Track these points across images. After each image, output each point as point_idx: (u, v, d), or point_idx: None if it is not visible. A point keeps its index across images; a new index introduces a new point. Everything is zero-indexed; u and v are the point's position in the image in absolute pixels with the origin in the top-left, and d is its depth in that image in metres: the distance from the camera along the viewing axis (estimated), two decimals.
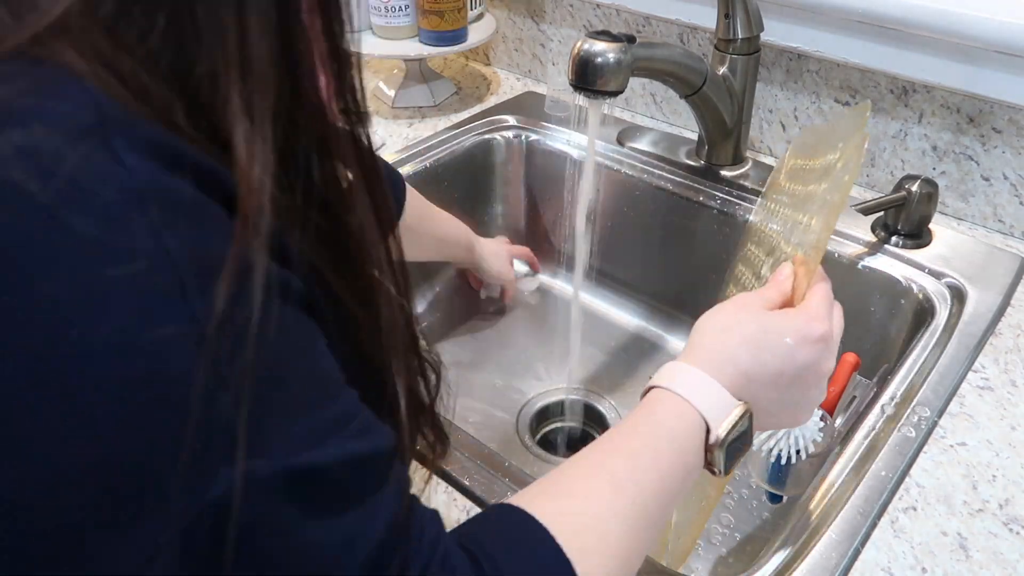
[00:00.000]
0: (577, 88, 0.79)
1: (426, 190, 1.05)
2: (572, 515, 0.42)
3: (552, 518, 0.41)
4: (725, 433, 0.47)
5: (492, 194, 1.14)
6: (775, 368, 0.49)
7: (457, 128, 1.10)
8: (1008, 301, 0.78)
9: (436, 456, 0.47)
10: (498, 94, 1.21)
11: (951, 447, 0.63)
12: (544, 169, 1.10)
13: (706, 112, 0.94)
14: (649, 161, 1.02)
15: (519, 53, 1.25)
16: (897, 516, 0.58)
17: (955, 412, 0.66)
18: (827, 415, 0.68)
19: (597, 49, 0.77)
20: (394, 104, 1.16)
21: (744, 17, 0.88)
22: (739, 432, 0.48)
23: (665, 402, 0.48)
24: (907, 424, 0.65)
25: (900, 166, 0.94)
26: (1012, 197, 0.87)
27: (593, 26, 1.13)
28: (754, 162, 0.99)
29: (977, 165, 0.88)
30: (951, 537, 0.57)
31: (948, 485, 0.60)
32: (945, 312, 0.78)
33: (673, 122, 1.11)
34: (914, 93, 0.89)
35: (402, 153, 1.05)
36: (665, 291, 1.05)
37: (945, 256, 0.84)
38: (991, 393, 0.68)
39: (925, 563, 0.55)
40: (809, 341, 0.50)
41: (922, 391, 0.68)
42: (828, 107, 0.96)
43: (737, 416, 0.48)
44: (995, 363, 0.71)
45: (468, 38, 1.12)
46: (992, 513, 0.58)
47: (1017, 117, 0.83)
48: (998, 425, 0.65)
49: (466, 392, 0.96)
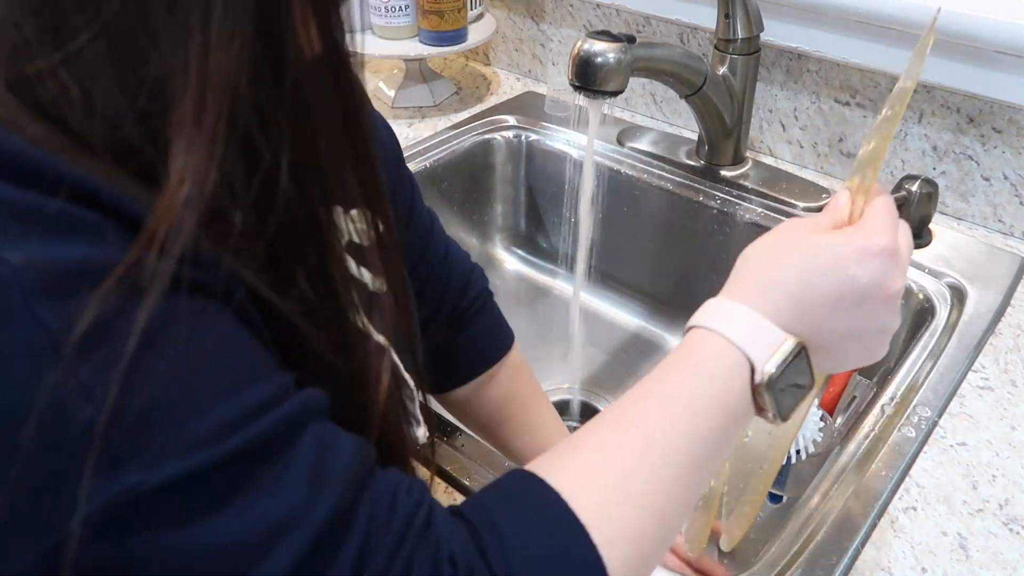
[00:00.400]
0: (577, 88, 0.79)
1: (426, 190, 1.05)
2: (593, 472, 0.38)
3: (571, 478, 0.37)
4: (774, 371, 0.41)
5: (492, 194, 1.14)
6: (832, 291, 0.42)
7: (457, 128, 1.10)
8: (1008, 301, 0.78)
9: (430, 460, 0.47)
10: (498, 94, 1.21)
11: (951, 447, 0.63)
12: (544, 169, 1.10)
13: (706, 112, 0.94)
14: (649, 161, 1.02)
15: (519, 53, 1.25)
16: (897, 516, 0.58)
17: (955, 412, 0.66)
18: (827, 415, 0.68)
19: (597, 49, 0.77)
20: (394, 104, 1.16)
21: (744, 17, 0.88)
22: (793, 370, 0.41)
23: (701, 341, 0.42)
24: (907, 424, 0.65)
25: (900, 166, 0.94)
26: (1012, 197, 0.87)
27: (593, 26, 1.13)
28: (754, 162, 0.99)
29: (977, 165, 0.88)
30: (951, 537, 0.57)
31: (948, 485, 0.60)
32: (945, 312, 0.78)
33: (673, 122, 1.11)
34: (914, 93, 0.89)
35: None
36: (665, 291, 1.05)
37: (945, 256, 0.84)
38: (991, 393, 0.68)
39: (925, 563, 0.55)
40: (871, 256, 0.42)
41: (922, 391, 0.68)
42: (828, 107, 0.96)
43: (788, 351, 0.41)
44: (995, 363, 0.71)
45: (468, 38, 1.12)
46: (992, 513, 0.58)
47: (1017, 117, 0.83)
48: (998, 425, 0.65)
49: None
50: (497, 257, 1.16)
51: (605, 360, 1.01)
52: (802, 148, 1.00)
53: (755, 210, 0.93)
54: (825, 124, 0.97)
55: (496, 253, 1.16)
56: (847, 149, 0.97)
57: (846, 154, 0.97)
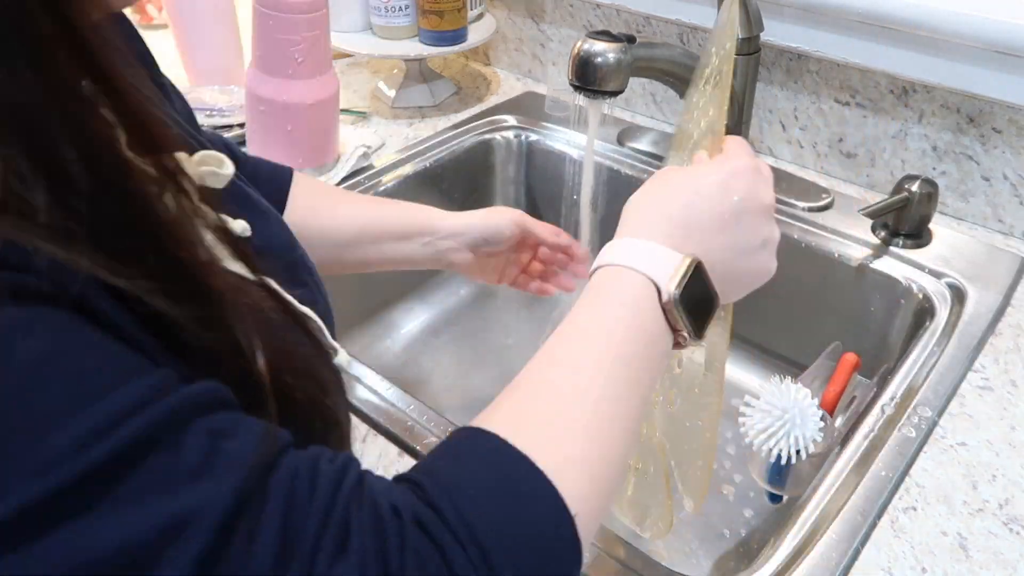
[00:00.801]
0: (577, 88, 0.79)
1: (426, 190, 1.05)
2: (528, 410, 0.39)
3: (507, 419, 0.38)
4: (676, 287, 0.44)
5: (492, 194, 1.14)
6: (712, 210, 0.47)
7: (457, 128, 1.10)
8: (1008, 301, 0.78)
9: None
10: (498, 94, 1.21)
11: (951, 447, 0.63)
12: (544, 169, 1.10)
13: None
14: (649, 161, 1.02)
15: (519, 53, 1.25)
16: (897, 516, 0.58)
17: (955, 412, 0.66)
18: (827, 415, 0.68)
19: (597, 49, 0.77)
20: (394, 104, 1.16)
21: (744, 17, 0.88)
22: (694, 286, 0.45)
23: (607, 276, 0.46)
24: (907, 424, 0.65)
25: (900, 166, 0.94)
26: (1012, 197, 0.87)
27: (593, 26, 1.13)
28: None
29: (977, 165, 0.88)
30: (951, 537, 0.57)
31: (948, 485, 0.60)
32: (945, 312, 0.78)
33: (673, 122, 1.11)
34: (914, 93, 0.89)
35: (402, 153, 1.05)
36: None
37: (945, 256, 0.84)
38: (991, 393, 0.68)
39: (925, 563, 0.55)
40: (738, 173, 0.49)
41: (922, 391, 0.68)
42: (828, 107, 0.96)
43: (685, 268, 0.45)
44: (995, 363, 0.71)
45: (468, 38, 1.12)
46: (992, 513, 0.58)
47: (1017, 117, 0.84)
48: (998, 425, 0.65)
49: (467, 392, 0.96)
50: None
51: None
52: (802, 148, 1.00)
53: None
54: (825, 124, 0.97)
55: None
56: (847, 149, 0.97)
57: (846, 154, 0.97)
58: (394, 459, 0.64)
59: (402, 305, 1.08)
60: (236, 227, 0.43)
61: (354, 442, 0.65)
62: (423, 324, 1.07)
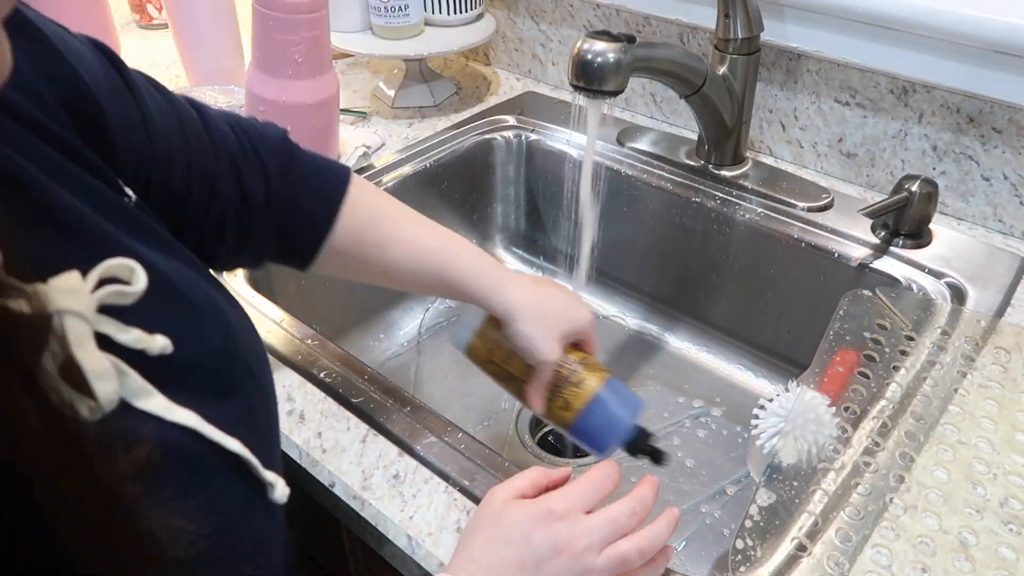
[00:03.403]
0: (577, 88, 0.79)
1: (426, 190, 1.06)
2: None
3: None
4: None
5: (492, 194, 1.14)
6: (513, 558, 0.48)
7: (457, 128, 1.10)
8: (1008, 301, 0.78)
9: None
10: (498, 94, 1.21)
11: (952, 446, 0.63)
12: (544, 169, 1.11)
13: (706, 112, 0.94)
14: (649, 161, 1.02)
15: (519, 53, 1.25)
16: (898, 515, 0.58)
17: (955, 411, 0.66)
18: (846, 426, 0.68)
19: (597, 49, 0.77)
20: (394, 104, 1.16)
21: (744, 17, 0.88)
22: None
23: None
24: (907, 423, 0.65)
25: (900, 166, 0.94)
26: (1012, 197, 0.87)
27: (593, 26, 1.13)
28: (754, 162, 0.99)
29: (977, 165, 0.88)
30: (951, 537, 0.57)
31: (948, 484, 0.60)
32: (945, 312, 0.78)
33: (673, 122, 1.11)
34: (914, 93, 0.89)
35: (402, 153, 1.05)
36: (665, 291, 1.05)
37: (945, 256, 0.84)
38: (991, 392, 0.68)
39: (925, 563, 0.55)
40: (544, 520, 0.49)
41: (922, 390, 0.68)
42: (828, 107, 0.96)
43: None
44: (995, 362, 0.71)
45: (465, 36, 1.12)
46: (992, 513, 0.58)
47: (1017, 117, 0.84)
48: (998, 424, 0.65)
49: (466, 392, 0.96)
50: (497, 257, 1.16)
51: (604, 360, 1.01)
52: (802, 148, 1.00)
53: (755, 210, 0.93)
54: (825, 124, 0.97)
55: (496, 253, 1.16)
56: (847, 149, 0.97)
57: (846, 154, 0.97)
58: (394, 459, 0.64)
59: (402, 305, 1.08)
60: (155, 346, 0.38)
61: (353, 442, 0.65)
62: (423, 324, 1.07)
